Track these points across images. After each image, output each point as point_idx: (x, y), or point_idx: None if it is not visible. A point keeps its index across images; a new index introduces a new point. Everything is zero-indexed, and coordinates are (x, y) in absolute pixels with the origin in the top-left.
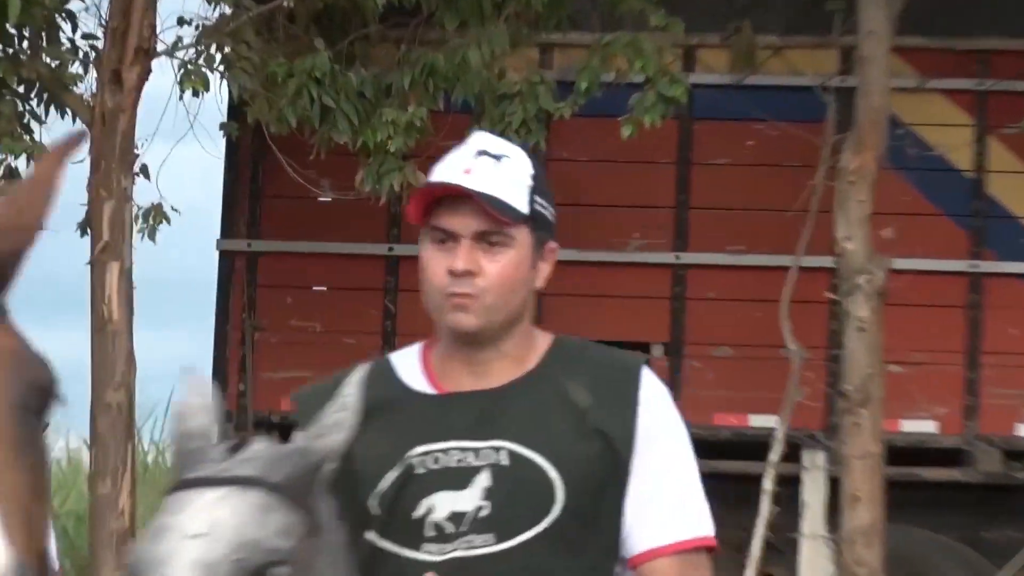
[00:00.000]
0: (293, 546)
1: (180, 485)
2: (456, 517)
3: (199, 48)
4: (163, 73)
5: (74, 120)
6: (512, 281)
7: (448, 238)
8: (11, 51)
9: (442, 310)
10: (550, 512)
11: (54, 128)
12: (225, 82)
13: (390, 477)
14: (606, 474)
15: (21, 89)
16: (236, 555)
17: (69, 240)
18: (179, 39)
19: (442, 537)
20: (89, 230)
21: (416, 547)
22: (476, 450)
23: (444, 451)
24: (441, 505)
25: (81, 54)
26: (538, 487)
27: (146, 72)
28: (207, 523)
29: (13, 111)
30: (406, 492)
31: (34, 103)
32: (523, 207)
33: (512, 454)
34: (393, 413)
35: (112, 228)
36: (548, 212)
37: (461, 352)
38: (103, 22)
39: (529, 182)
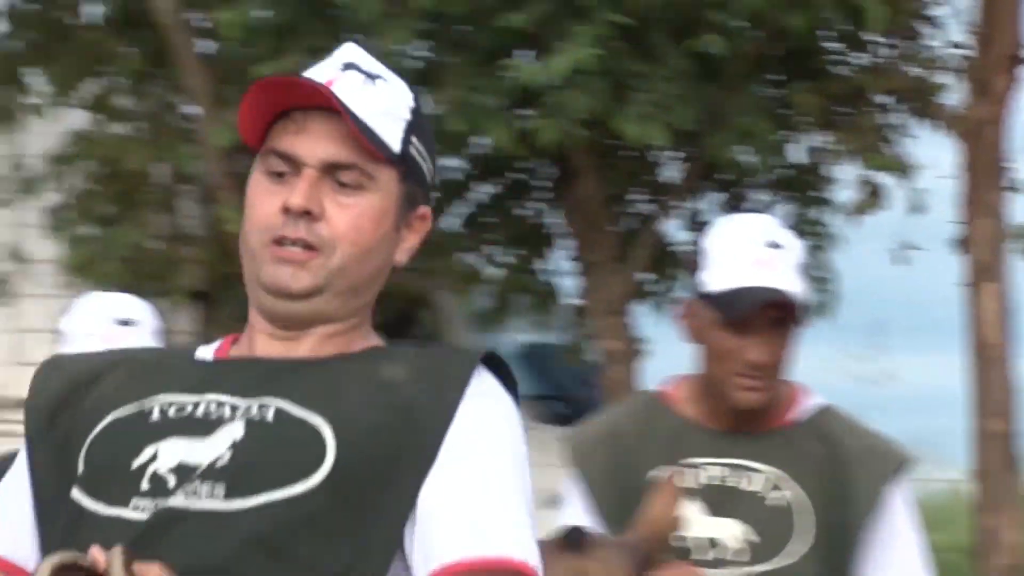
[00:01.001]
0: None
1: None
2: (184, 469)
3: None
4: None
5: (941, 132)
6: (367, 237)
7: (288, 168)
8: (875, 61)
9: (260, 261)
10: (309, 476)
11: (921, 142)
12: None
13: (111, 418)
14: (399, 453)
15: (883, 101)
16: None
17: (941, 259)
18: None
19: (158, 490)
20: (963, 249)
21: (123, 502)
22: (236, 405)
23: (195, 402)
24: (169, 453)
25: (948, 62)
26: (301, 445)
27: (1014, 81)
28: None
29: (874, 123)
30: (128, 437)
31: (897, 115)
32: (394, 143)
33: (280, 411)
34: (150, 367)
35: (988, 247)
36: (425, 163)
37: (268, 324)
38: (971, 29)
39: (407, 116)
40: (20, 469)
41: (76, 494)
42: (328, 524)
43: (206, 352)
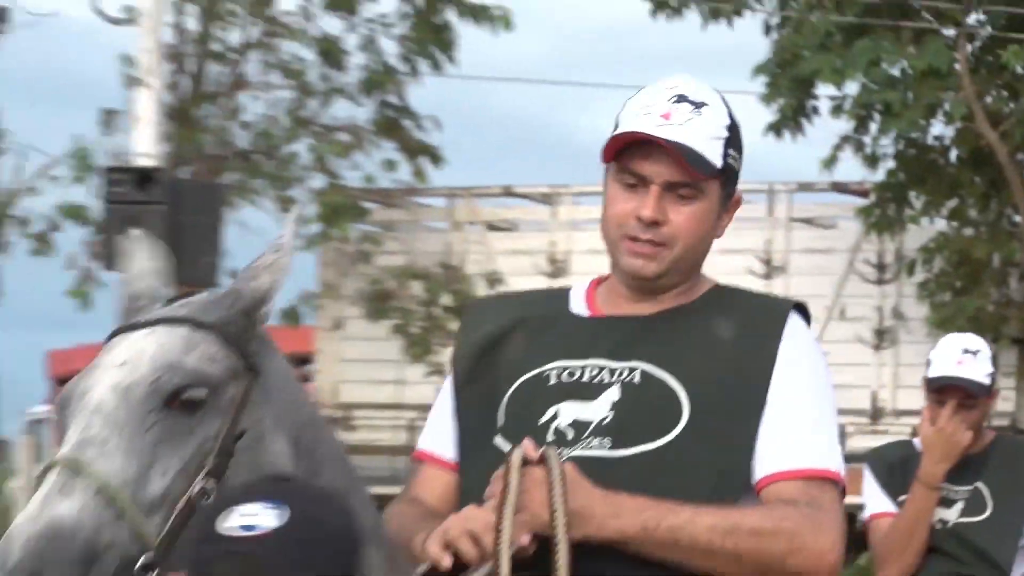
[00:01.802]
0: (215, 376)
1: (115, 332)
2: (579, 425)
3: None
4: None
5: None
6: (698, 234)
7: (638, 183)
8: None
9: (619, 251)
10: (672, 430)
11: None
12: None
13: (520, 381)
14: (738, 401)
15: None
16: (154, 376)
17: None
18: None
19: (561, 441)
20: None
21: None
22: (612, 369)
23: (581, 367)
24: (567, 413)
25: None
26: (664, 405)
27: None
28: (130, 353)
29: None
30: (535, 399)
31: None
32: (717, 161)
33: (645, 374)
34: (545, 328)
35: None
36: (738, 164)
37: (628, 288)
38: None
39: (725, 134)
40: (447, 398)
41: (498, 441)
42: (688, 463)
43: (580, 301)
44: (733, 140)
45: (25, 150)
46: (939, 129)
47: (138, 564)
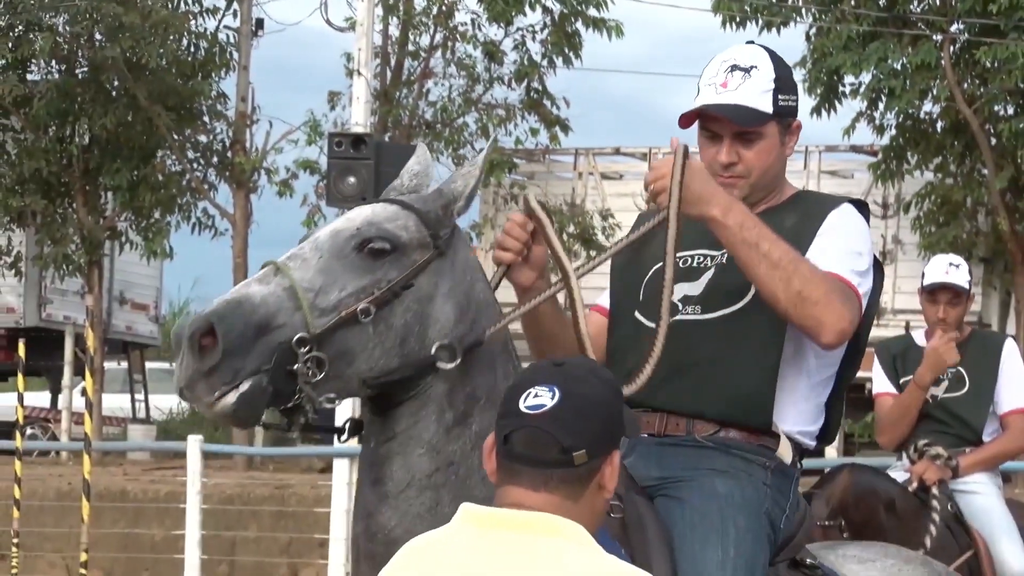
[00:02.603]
0: (403, 239)
1: (360, 204)
2: (686, 298)
3: None
4: None
5: None
6: (766, 163)
7: (714, 135)
8: None
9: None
10: (742, 300)
11: None
12: None
13: (656, 270)
14: None
15: None
16: (358, 226)
17: None
18: None
19: (674, 311)
20: None
21: (657, 318)
22: (712, 256)
23: (692, 255)
24: (679, 291)
25: None
26: (741, 281)
27: None
28: (355, 214)
29: None
30: (660, 280)
31: None
32: (768, 109)
33: (731, 258)
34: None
35: None
36: (791, 102)
37: None
38: None
39: (772, 86)
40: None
41: (638, 315)
42: (755, 321)
43: None
44: (782, 87)
45: (273, 121)
46: (928, 107)
47: (296, 337)
